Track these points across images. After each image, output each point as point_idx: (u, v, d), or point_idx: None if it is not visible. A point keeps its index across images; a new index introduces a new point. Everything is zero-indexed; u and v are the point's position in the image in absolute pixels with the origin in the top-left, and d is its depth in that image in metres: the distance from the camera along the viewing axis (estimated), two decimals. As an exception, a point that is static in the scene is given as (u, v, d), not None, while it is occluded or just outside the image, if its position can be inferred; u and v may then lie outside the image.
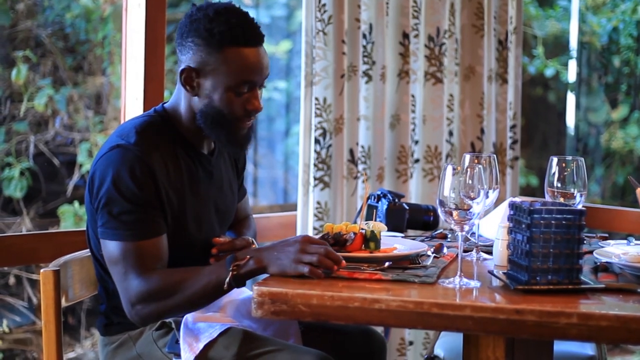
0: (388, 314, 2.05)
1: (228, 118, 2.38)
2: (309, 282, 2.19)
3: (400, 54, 3.69)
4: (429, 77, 3.80)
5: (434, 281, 2.21)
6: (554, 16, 7.88)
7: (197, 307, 2.35)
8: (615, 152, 8.12)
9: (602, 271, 2.39)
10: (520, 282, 2.15)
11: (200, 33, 2.33)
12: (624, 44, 7.90)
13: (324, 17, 3.37)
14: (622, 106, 8.13)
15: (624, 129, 8.03)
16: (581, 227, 2.14)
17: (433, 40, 3.79)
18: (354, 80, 3.52)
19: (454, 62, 3.90)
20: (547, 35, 7.88)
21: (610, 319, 1.96)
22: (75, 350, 4.55)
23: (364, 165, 3.60)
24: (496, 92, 4.09)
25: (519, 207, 2.19)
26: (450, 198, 2.20)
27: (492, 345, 2.15)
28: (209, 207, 2.52)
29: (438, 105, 3.82)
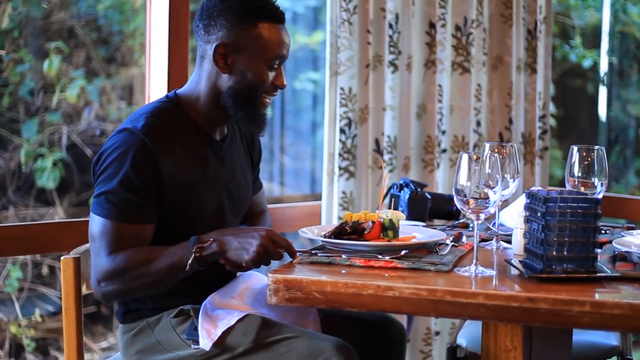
0: (401, 301, 2.06)
1: (257, 94, 2.45)
2: (324, 269, 2.21)
3: (427, 44, 3.68)
4: (456, 66, 3.79)
5: (449, 269, 2.21)
6: (593, 6, 7.82)
7: (161, 287, 2.38)
8: (654, 144, 8.05)
9: (620, 260, 2.37)
10: (536, 270, 2.15)
11: (235, 10, 2.40)
12: (662, 34, 7.82)
13: (349, 7, 3.37)
14: (661, 97, 8.06)
15: (662, 120, 7.95)
16: (597, 215, 2.13)
17: (460, 29, 3.77)
18: (380, 70, 3.52)
19: (482, 51, 3.88)
20: (586, 25, 7.82)
21: (624, 307, 1.95)
22: (108, 339, 4.60)
23: (390, 155, 3.61)
24: (525, 82, 4.07)
25: (535, 195, 2.19)
26: (466, 186, 2.20)
27: (510, 334, 2.15)
28: (220, 192, 2.54)
29: (465, 95, 3.80)
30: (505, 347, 2.16)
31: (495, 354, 2.17)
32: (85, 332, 4.49)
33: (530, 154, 4.05)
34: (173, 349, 2.43)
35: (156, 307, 2.49)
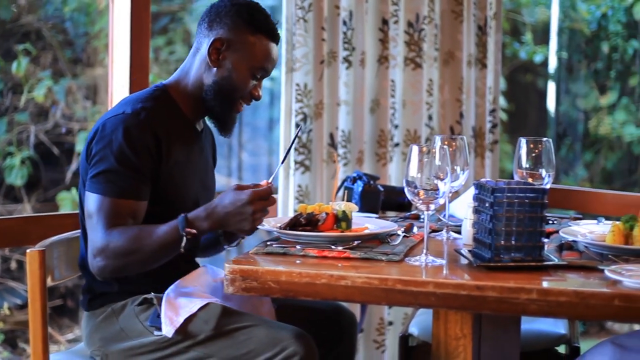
0: (354, 290, 2.11)
1: (236, 96, 2.59)
2: (279, 259, 2.26)
3: (380, 40, 3.74)
4: (408, 62, 3.85)
5: (400, 259, 2.27)
6: (543, 3, 7.92)
7: (154, 264, 2.46)
8: (603, 138, 8.17)
9: (566, 249, 2.44)
10: (484, 259, 2.21)
11: (242, 15, 2.57)
12: (612, 30, 7.94)
13: (305, 5, 3.42)
14: (611, 92, 8.17)
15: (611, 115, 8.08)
16: (544, 205, 2.19)
17: (412, 26, 3.84)
18: (334, 66, 3.57)
19: (434, 47, 3.95)
20: (536, 22, 7.92)
21: (570, 294, 2.01)
22: (73, 332, 4.63)
23: (344, 149, 3.66)
24: (475, 76, 4.14)
25: (483, 186, 2.25)
26: (417, 178, 2.25)
27: (460, 322, 2.21)
28: (198, 181, 2.67)
29: (417, 90, 3.87)
30: (455, 335, 2.22)
31: (446, 342, 2.23)
32: (52, 325, 4.53)
33: (480, 147, 4.13)
34: (136, 336, 2.49)
35: (121, 291, 2.55)
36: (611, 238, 2.38)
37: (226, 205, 2.36)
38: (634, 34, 7.99)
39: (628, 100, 8.07)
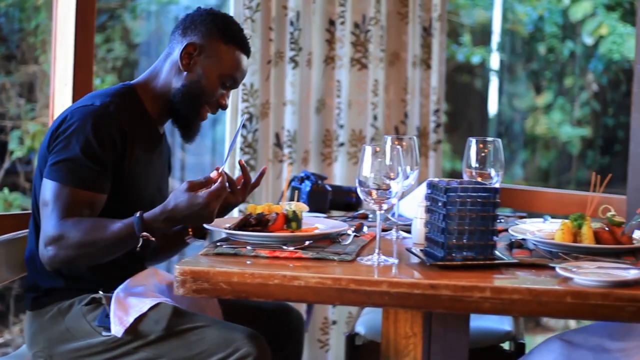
0: (307, 290, 2.10)
1: (203, 101, 2.62)
2: (230, 260, 2.24)
3: (327, 41, 3.74)
4: (354, 62, 3.86)
5: (352, 259, 2.27)
6: (481, 5, 8.00)
7: (106, 258, 2.45)
8: (539, 137, 8.28)
9: (516, 247, 2.46)
10: (437, 258, 2.22)
11: (218, 25, 2.62)
12: (549, 32, 8.04)
13: (252, 5, 3.41)
14: (547, 92, 8.28)
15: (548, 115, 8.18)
16: (496, 204, 2.21)
17: (359, 27, 3.85)
18: (281, 66, 3.57)
19: (379, 48, 3.96)
20: (475, 24, 7.99)
21: (522, 292, 2.03)
22: (4, 336, 4.56)
23: (290, 149, 3.66)
24: (420, 77, 4.17)
25: (436, 185, 2.25)
26: (369, 178, 2.25)
27: (410, 320, 2.21)
28: (156, 183, 2.67)
29: (363, 90, 3.88)
30: (405, 333, 2.23)
31: (396, 341, 2.24)
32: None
33: (424, 146, 4.15)
34: (83, 336, 2.45)
35: (68, 288, 2.52)
36: (560, 236, 2.41)
37: (183, 208, 2.34)
38: (570, 35, 8.11)
39: (564, 100, 8.19)
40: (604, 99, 8.22)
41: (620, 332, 2.46)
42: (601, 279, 2.04)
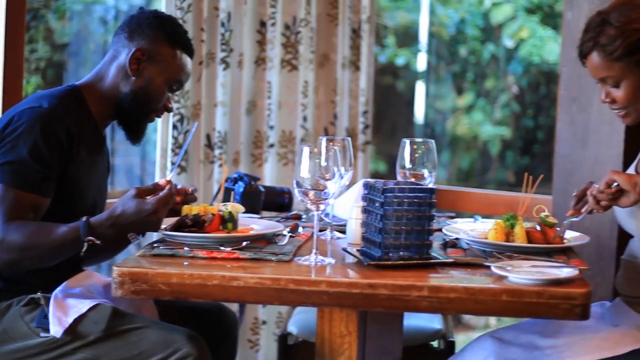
0: (246, 290, 2.12)
1: (152, 106, 2.65)
2: (167, 261, 2.24)
3: (258, 42, 3.75)
4: (285, 64, 3.88)
5: (290, 259, 2.29)
6: (404, 7, 8.07)
7: (50, 263, 2.42)
8: (460, 138, 8.39)
9: (450, 247, 2.51)
10: (374, 258, 2.24)
11: (165, 29, 2.64)
12: (470, 34, 8.15)
13: (184, 5, 3.40)
14: (468, 94, 8.40)
15: (469, 116, 8.30)
16: (432, 204, 2.25)
17: (290, 28, 3.87)
18: (212, 67, 3.56)
19: (310, 49, 3.98)
20: (398, 26, 8.06)
21: (459, 291, 2.07)
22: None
23: (221, 150, 3.65)
24: (349, 79, 4.20)
25: (373, 186, 2.28)
26: (306, 179, 2.27)
27: (345, 320, 2.23)
28: (97, 186, 2.66)
29: (293, 91, 3.90)
30: (340, 332, 2.25)
31: (330, 340, 2.25)
32: None
33: (353, 147, 4.18)
34: (20, 338, 2.42)
35: (6, 289, 2.50)
36: (494, 235, 2.45)
37: (130, 214, 2.32)
38: (491, 38, 8.23)
39: (484, 101, 8.31)
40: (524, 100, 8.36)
41: (550, 329, 2.52)
42: (535, 277, 2.09)
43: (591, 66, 2.51)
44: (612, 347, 2.36)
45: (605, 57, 2.45)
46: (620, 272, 2.63)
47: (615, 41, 2.42)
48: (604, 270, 3.59)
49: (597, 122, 3.66)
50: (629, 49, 2.41)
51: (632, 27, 2.41)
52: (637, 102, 2.47)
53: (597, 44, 2.46)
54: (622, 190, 2.33)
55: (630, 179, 2.32)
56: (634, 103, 2.47)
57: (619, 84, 2.47)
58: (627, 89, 2.46)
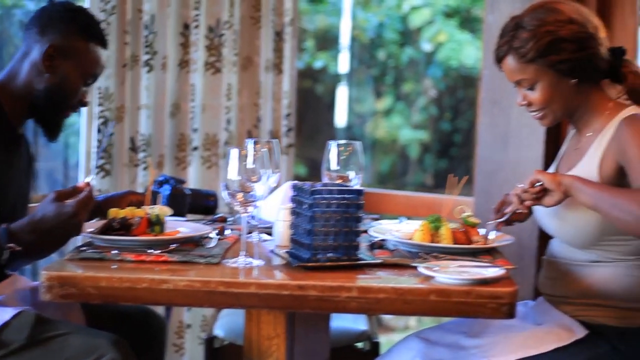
0: (176, 293, 2.11)
1: (69, 102, 2.60)
2: (95, 265, 2.22)
3: (181, 44, 3.74)
4: (208, 66, 3.87)
5: (218, 261, 2.29)
6: (323, 11, 8.11)
7: None
8: (379, 141, 8.46)
9: (377, 248, 2.53)
10: (302, 259, 2.25)
11: (78, 22, 2.59)
12: (389, 38, 8.22)
13: (107, 7, 3.37)
14: (387, 97, 8.47)
15: (388, 119, 8.37)
16: (359, 206, 2.27)
17: (213, 31, 3.86)
18: (136, 70, 3.54)
19: (233, 52, 3.98)
20: (317, 30, 8.09)
21: (388, 291, 2.09)
22: None
23: (145, 154, 3.63)
24: (272, 81, 4.21)
25: (302, 188, 2.29)
26: (235, 181, 2.27)
27: (273, 322, 2.23)
28: (16, 188, 2.60)
29: (217, 94, 3.89)
30: (268, 334, 2.25)
31: (258, 342, 2.26)
32: None
33: (277, 151, 4.19)
34: None
35: None
36: (420, 236, 2.49)
37: (50, 218, 2.29)
38: (409, 41, 8.32)
39: (403, 105, 8.39)
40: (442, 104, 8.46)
41: (475, 329, 2.56)
42: (463, 277, 2.12)
43: (507, 70, 2.56)
44: (536, 345, 2.40)
45: (519, 60, 2.50)
46: (542, 272, 2.68)
47: (528, 43, 2.47)
48: (525, 270, 3.66)
49: (517, 124, 3.73)
50: (541, 51, 2.47)
51: (545, 29, 2.46)
52: (552, 104, 2.53)
53: (511, 48, 2.51)
54: (546, 190, 2.39)
55: (554, 178, 2.37)
56: (550, 105, 2.53)
57: (534, 86, 2.52)
58: (542, 90, 2.51)
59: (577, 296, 2.52)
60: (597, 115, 2.55)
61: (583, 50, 2.47)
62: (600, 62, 2.52)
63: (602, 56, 2.52)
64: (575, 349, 2.41)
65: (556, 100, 2.52)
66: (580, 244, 2.52)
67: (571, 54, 2.46)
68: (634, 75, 2.57)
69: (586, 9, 2.55)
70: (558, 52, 2.46)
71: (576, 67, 2.48)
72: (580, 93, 2.53)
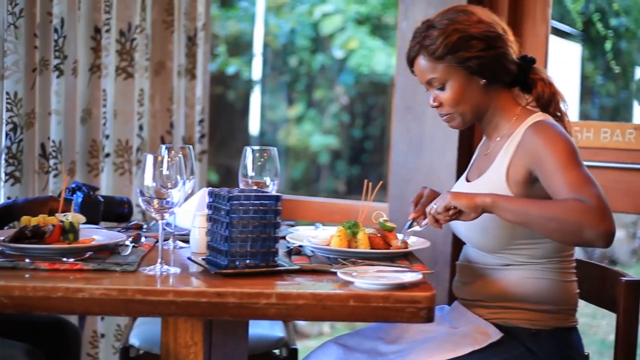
0: (92, 302, 2.07)
1: None
2: (7, 274, 2.17)
3: (92, 49, 3.67)
4: (120, 71, 3.81)
5: (135, 269, 2.26)
6: (235, 17, 8.08)
7: None
8: (291, 148, 8.46)
9: (295, 254, 2.53)
10: (220, 266, 2.24)
11: None
12: (301, 44, 8.24)
13: (15, 11, 3.29)
14: (299, 104, 8.48)
15: (299, 126, 8.38)
16: (277, 212, 2.26)
17: (125, 35, 3.81)
18: (46, 75, 3.46)
19: (145, 57, 3.93)
20: (229, 35, 8.06)
21: (307, 297, 2.09)
22: None
23: (55, 160, 3.56)
24: (185, 87, 4.17)
25: (218, 194, 2.28)
26: (150, 187, 2.24)
27: (190, 330, 2.21)
28: None
29: (129, 99, 3.84)
30: (185, 343, 2.22)
31: (176, 351, 2.23)
32: None
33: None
34: None
35: None
36: (337, 242, 2.49)
37: None
38: (320, 48, 8.35)
39: (315, 112, 8.41)
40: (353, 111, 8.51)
41: (393, 335, 2.57)
42: (381, 282, 2.13)
43: (418, 70, 2.59)
44: (453, 349, 2.42)
45: (430, 58, 2.53)
46: (456, 276, 2.70)
47: (438, 40, 2.50)
48: (440, 275, 3.70)
49: (431, 130, 3.76)
50: (450, 47, 2.50)
51: (454, 27, 2.51)
52: (462, 104, 2.55)
53: (422, 47, 2.54)
54: (462, 210, 2.39)
55: (470, 202, 2.35)
56: (459, 105, 2.56)
57: (445, 86, 2.55)
58: (452, 89, 2.54)
59: (491, 299, 2.54)
60: (506, 120, 2.58)
61: (492, 49, 2.51)
62: (509, 64, 2.56)
63: (510, 58, 2.56)
64: (491, 352, 2.44)
65: (466, 100, 2.55)
66: (490, 249, 2.55)
67: (480, 51, 2.50)
68: (543, 82, 2.61)
69: (495, 15, 2.60)
70: (467, 49, 2.50)
71: (485, 66, 2.51)
72: (490, 95, 2.57)
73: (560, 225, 2.28)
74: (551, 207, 2.31)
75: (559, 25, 4.15)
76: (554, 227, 2.29)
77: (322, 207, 4.27)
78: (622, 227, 9.57)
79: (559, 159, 2.37)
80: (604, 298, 2.64)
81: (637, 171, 3.53)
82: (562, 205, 2.29)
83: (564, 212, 2.27)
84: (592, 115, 5.09)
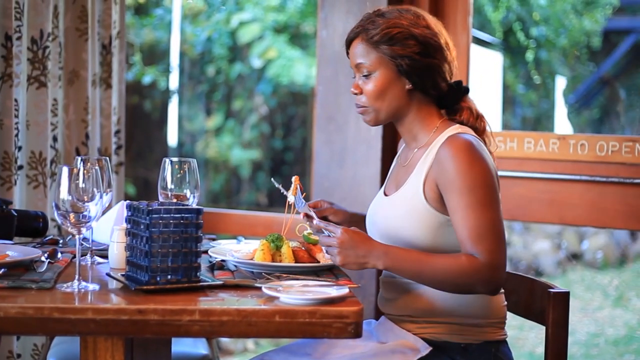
0: (7, 321, 1.99)
1: None
2: None
3: (3, 57, 3.55)
4: (32, 81, 3.69)
5: (51, 286, 2.17)
6: (150, 24, 7.96)
7: None
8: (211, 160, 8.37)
9: (218, 269, 2.46)
10: (141, 282, 2.16)
11: None
12: (217, 53, 8.16)
13: None
14: (217, 114, 8.40)
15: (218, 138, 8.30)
16: (199, 225, 2.19)
17: (37, 43, 3.68)
18: (-45, 84, 3.34)
19: (58, 66, 3.82)
20: (143, 44, 7.94)
21: (231, 313, 2.03)
22: None
23: (-35, 173, 3.44)
24: (100, 96, 4.07)
25: (137, 207, 2.20)
26: (66, 201, 2.16)
27: (110, 348, 2.13)
28: None
29: (42, 110, 3.71)
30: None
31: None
32: None
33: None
34: None
35: None
36: (261, 256, 2.43)
37: None
38: (238, 57, 8.28)
39: (234, 122, 8.34)
40: (273, 121, 8.46)
41: (320, 350, 2.52)
42: (307, 297, 2.08)
43: (352, 53, 2.57)
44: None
45: (366, 42, 2.52)
46: (380, 292, 2.66)
47: (379, 27, 2.49)
48: (366, 289, 3.66)
49: (354, 141, 3.73)
50: (388, 38, 2.49)
51: (400, 21, 2.50)
52: (380, 101, 2.53)
53: (364, 30, 2.54)
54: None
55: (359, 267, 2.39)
56: (377, 101, 2.53)
57: (371, 75, 2.52)
58: (376, 82, 2.52)
59: (418, 314, 2.51)
60: (426, 131, 2.56)
61: (428, 57, 2.49)
62: (440, 80, 2.53)
63: (443, 75, 2.54)
64: (420, 366, 2.41)
65: (386, 98, 2.53)
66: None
67: (415, 54, 2.48)
68: (469, 111, 2.60)
69: (447, 33, 2.59)
70: (403, 46, 2.48)
71: (416, 70, 2.49)
72: (412, 101, 2.55)
73: (452, 284, 2.35)
74: (443, 266, 2.33)
75: (479, 34, 4.16)
76: (447, 286, 2.37)
77: (243, 220, 4.20)
78: (547, 238, 9.70)
79: (467, 196, 2.35)
80: (532, 310, 2.63)
81: (561, 181, 3.54)
82: (454, 264, 2.32)
83: (456, 273, 2.32)
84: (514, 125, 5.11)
